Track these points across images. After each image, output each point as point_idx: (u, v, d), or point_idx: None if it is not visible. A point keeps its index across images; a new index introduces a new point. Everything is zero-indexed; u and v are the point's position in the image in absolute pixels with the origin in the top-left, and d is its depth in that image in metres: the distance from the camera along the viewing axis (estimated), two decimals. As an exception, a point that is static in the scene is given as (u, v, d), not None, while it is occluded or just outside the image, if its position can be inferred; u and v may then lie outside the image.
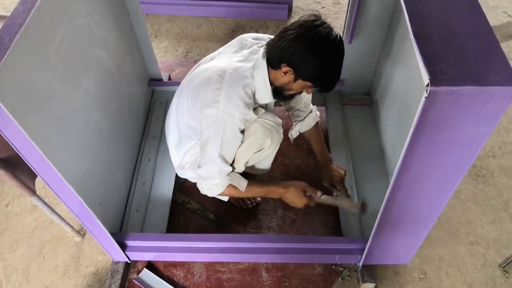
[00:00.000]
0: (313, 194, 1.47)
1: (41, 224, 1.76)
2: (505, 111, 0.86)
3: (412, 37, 0.86)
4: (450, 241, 1.67)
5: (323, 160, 1.66)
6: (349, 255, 1.55)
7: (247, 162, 1.45)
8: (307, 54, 1.18)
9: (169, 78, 2.25)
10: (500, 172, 1.88)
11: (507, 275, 1.58)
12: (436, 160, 1.00)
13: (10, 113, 0.93)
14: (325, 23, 1.19)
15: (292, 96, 1.38)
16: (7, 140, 1.01)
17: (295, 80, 1.26)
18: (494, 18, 2.69)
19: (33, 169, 1.11)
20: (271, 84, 1.30)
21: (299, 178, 1.82)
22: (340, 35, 1.21)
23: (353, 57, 1.91)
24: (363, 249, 1.47)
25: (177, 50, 2.52)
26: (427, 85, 0.78)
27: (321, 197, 1.48)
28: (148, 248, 1.56)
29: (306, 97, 1.60)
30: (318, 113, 1.69)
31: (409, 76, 1.58)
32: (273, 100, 1.38)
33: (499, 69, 0.82)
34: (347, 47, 1.85)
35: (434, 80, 0.78)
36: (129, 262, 1.59)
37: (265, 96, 1.33)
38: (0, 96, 0.90)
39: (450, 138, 0.93)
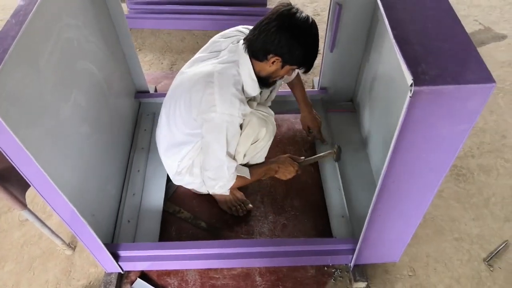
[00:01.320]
0: (297, 159, 1.64)
1: (30, 239, 1.74)
2: (482, 108, 0.92)
3: (394, 41, 0.92)
4: (435, 238, 1.73)
5: (304, 106, 1.88)
6: (341, 255, 1.58)
7: (244, 155, 1.50)
8: (292, 43, 1.28)
9: (155, 90, 2.27)
10: (479, 171, 1.96)
11: (491, 268, 1.64)
12: (420, 158, 1.05)
13: (6, 123, 0.94)
14: (298, 9, 1.30)
15: (275, 82, 1.48)
16: (1, 150, 1.02)
17: (282, 66, 1.36)
18: (466, 26, 2.79)
19: (26, 179, 1.11)
20: (257, 75, 1.38)
21: (288, 182, 1.88)
22: (311, 17, 1.32)
23: (335, 65, 1.99)
24: (354, 249, 1.51)
25: (162, 63, 2.55)
26: (411, 85, 0.83)
27: (304, 160, 1.67)
28: (141, 258, 1.56)
29: None
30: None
31: (389, 80, 1.65)
32: (260, 91, 1.45)
33: (476, 69, 0.88)
34: (328, 56, 1.94)
35: (417, 80, 0.83)
36: (122, 272, 1.59)
37: (253, 88, 1.40)
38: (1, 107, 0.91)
39: (434, 136, 0.98)
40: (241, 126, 1.41)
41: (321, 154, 1.75)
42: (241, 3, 2.85)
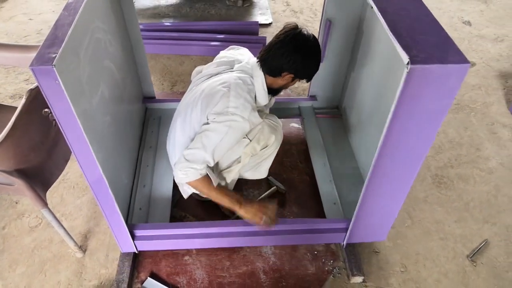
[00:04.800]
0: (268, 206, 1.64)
1: (40, 244, 1.80)
2: (460, 86, 1.13)
3: (390, 34, 1.13)
4: (423, 238, 1.89)
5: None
6: (334, 233, 1.72)
7: (250, 157, 1.67)
8: (305, 61, 1.49)
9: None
10: (458, 180, 2.16)
11: (474, 264, 1.80)
12: (412, 130, 1.22)
13: (67, 94, 1.08)
14: (303, 29, 1.50)
15: (280, 91, 1.66)
16: (55, 117, 1.15)
17: (293, 80, 1.56)
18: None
19: (71, 149, 1.24)
20: (268, 87, 1.57)
21: (286, 190, 2.02)
22: (313, 34, 1.53)
23: (323, 75, 2.20)
24: (346, 229, 1.67)
25: (162, 84, 2.71)
26: (407, 63, 1.04)
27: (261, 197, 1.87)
28: (154, 237, 1.67)
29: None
30: None
31: (371, 87, 1.86)
32: (268, 101, 1.62)
33: (454, 54, 1.10)
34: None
35: (412, 61, 1.04)
36: (136, 252, 1.70)
37: (264, 98, 1.58)
38: (61, 77, 1.05)
39: (423, 109, 1.17)
40: (248, 137, 1.58)
41: (266, 193, 1.97)
42: (235, 31, 3.08)
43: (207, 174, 1.55)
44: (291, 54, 1.46)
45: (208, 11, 3.48)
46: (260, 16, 3.42)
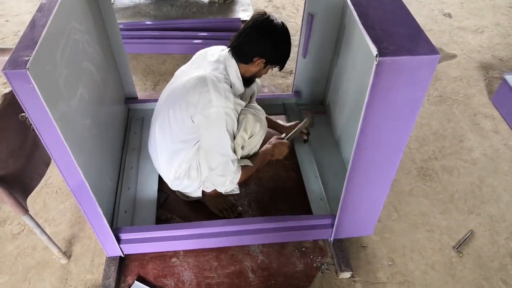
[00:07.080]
0: (282, 138, 1.85)
1: (24, 251, 1.76)
2: (431, 77, 1.13)
3: (362, 27, 1.13)
4: (410, 231, 1.90)
5: (280, 127, 2.06)
6: (321, 229, 1.72)
7: (243, 147, 1.64)
8: (274, 44, 1.50)
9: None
10: (443, 171, 2.18)
11: (460, 254, 1.82)
12: (387, 123, 1.23)
13: (43, 97, 1.05)
14: (271, 15, 1.50)
15: (254, 81, 1.68)
16: (31, 122, 1.12)
17: (264, 66, 1.56)
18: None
19: (49, 152, 1.21)
20: (242, 76, 1.57)
21: (273, 187, 2.01)
22: (282, 21, 1.53)
23: (307, 70, 2.20)
24: (333, 224, 1.68)
25: (145, 84, 2.67)
26: (376, 56, 1.03)
27: (287, 136, 1.88)
28: (140, 240, 1.65)
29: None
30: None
31: (354, 83, 1.86)
32: (244, 90, 1.62)
33: (424, 45, 1.11)
34: (302, 61, 2.16)
35: (381, 53, 1.04)
36: (122, 256, 1.68)
37: (239, 87, 1.58)
38: (36, 81, 1.02)
39: (396, 102, 1.17)
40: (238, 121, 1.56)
41: (299, 126, 1.96)
42: (218, 28, 3.05)
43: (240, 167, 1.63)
44: (260, 38, 1.48)
45: (189, 8, 3.43)
46: (242, 12, 3.39)
